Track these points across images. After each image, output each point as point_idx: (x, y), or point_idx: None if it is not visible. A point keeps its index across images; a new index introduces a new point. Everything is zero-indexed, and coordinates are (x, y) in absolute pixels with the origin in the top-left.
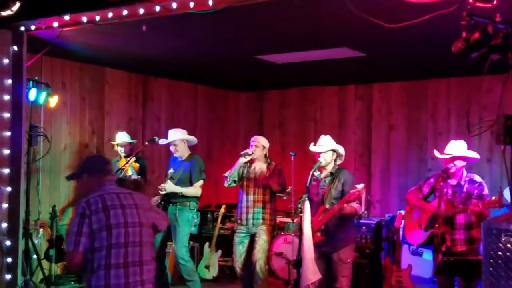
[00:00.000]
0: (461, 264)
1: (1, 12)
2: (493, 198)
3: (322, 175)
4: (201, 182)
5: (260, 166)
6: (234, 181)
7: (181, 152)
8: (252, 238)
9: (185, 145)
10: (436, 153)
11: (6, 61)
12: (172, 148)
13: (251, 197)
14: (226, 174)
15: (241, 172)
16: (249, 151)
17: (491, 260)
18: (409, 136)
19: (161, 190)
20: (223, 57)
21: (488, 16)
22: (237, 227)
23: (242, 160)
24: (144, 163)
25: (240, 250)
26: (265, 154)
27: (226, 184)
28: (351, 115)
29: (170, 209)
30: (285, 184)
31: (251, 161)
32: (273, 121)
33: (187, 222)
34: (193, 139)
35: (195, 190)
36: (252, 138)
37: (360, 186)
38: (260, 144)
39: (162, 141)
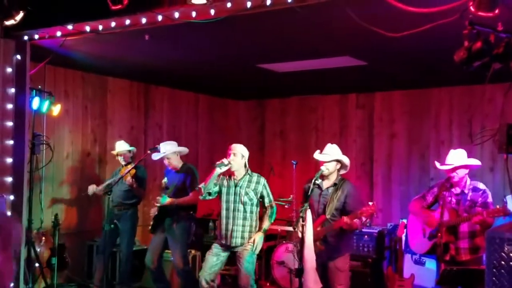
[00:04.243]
0: (463, 274)
1: (5, 22)
2: (498, 206)
3: (325, 185)
4: (196, 190)
5: (242, 182)
6: (209, 194)
7: (175, 164)
8: (232, 254)
9: (177, 156)
10: (438, 164)
11: (9, 70)
12: (165, 161)
13: (230, 214)
14: (200, 186)
15: (220, 184)
16: (225, 160)
17: (494, 270)
18: (411, 144)
19: (157, 203)
20: (225, 66)
21: (490, 25)
22: (216, 241)
23: (217, 170)
24: (143, 173)
25: (213, 262)
26: (245, 164)
27: (201, 197)
28: (352, 123)
29: (167, 220)
30: (272, 206)
31: (231, 173)
32: (274, 130)
33: (184, 232)
34: (184, 149)
35: (190, 199)
36: (229, 147)
37: (371, 203)
38: (238, 152)
39: (155, 156)
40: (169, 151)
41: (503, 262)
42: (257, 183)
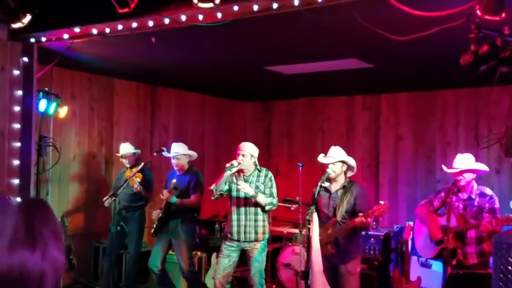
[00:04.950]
0: (470, 278)
1: (12, 25)
2: (507, 215)
3: (334, 188)
4: (199, 193)
5: (252, 178)
6: (221, 195)
7: (181, 166)
8: (242, 254)
9: (186, 159)
10: (445, 168)
11: (16, 72)
12: (174, 161)
13: (242, 210)
14: (211, 188)
15: (230, 183)
16: (234, 162)
17: (501, 275)
18: (417, 146)
19: (163, 196)
20: (231, 68)
21: (496, 29)
22: (226, 241)
23: (227, 173)
24: (149, 175)
25: (225, 263)
26: (254, 163)
27: (213, 197)
28: (358, 125)
29: (171, 223)
30: (274, 197)
31: (240, 171)
32: (280, 131)
33: (189, 234)
34: (194, 154)
35: (192, 201)
36: (239, 146)
37: (383, 202)
38: (247, 152)
39: (166, 154)
40: (181, 152)
41: (510, 267)
42: (265, 176)
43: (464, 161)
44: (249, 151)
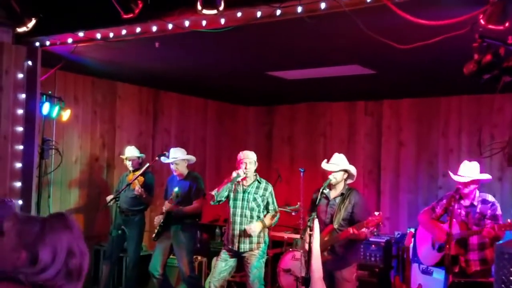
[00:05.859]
0: (472, 286)
1: (17, 29)
2: (508, 220)
3: (332, 195)
4: (200, 198)
5: (251, 188)
6: (219, 201)
7: (181, 171)
8: (240, 260)
9: (185, 164)
10: (452, 175)
11: (20, 75)
12: (173, 166)
13: (238, 219)
14: (213, 193)
15: (229, 191)
16: (241, 172)
17: (503, 285)
18: (419, 152)
19: (165, 208)
20: (234, 73)
21: (500, 39)
22: (224, 247)
23: (234, 180)
24: (151, 179)
25: (222, 267)
26: (254, 171)
27: (211, 203)
28: (360, 131)
29: (172, 228)
30: (275, 212)
31: (243, 179)
32: (282, 136)
33: (190, 239)
34: (193, 158)
35: (194, 207)
36: (241, 155)
37: (377, 213)
38: (252, 160)
39: (164, 160)
40: (179, 157)
41: (511, 278)
42: (265, 190)
43: (471, 171)
44: (253, 158)
